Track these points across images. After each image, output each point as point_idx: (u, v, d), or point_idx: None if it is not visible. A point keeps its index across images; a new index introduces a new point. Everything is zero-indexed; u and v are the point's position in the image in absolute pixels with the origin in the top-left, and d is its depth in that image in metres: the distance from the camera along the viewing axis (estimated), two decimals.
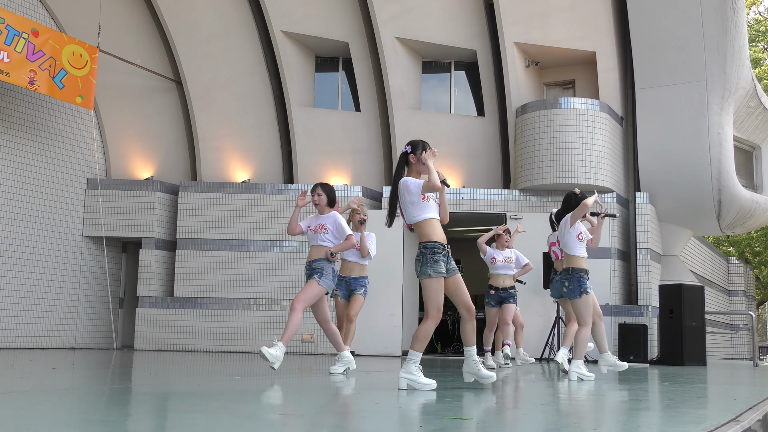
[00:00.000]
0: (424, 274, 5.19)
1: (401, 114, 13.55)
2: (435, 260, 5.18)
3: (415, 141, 5.56)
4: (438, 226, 5.35)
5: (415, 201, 5.29)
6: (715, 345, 18.28)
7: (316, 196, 7.03)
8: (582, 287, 6.89)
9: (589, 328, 6.93)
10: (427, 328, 5.17)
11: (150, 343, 12.68)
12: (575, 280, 6.92)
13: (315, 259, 6.83)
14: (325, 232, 6.88)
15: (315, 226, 6.95)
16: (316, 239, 6.92)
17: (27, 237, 12.36)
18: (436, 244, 5.23)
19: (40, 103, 12.72)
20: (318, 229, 6.92)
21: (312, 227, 6.97)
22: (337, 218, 6.94)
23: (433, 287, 5.18)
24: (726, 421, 3.67)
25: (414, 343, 5.24)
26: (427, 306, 5.21)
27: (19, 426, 2.97)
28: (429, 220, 5.31)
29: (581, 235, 7.07)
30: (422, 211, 5.31)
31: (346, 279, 7.83)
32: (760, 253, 26.38)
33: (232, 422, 3.21)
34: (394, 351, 12.37)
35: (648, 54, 13.29)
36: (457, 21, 13.66)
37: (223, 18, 13.80)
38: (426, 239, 5.27)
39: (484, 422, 3.54)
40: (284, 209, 13.13)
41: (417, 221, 5.32)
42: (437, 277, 5.18)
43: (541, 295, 12.34)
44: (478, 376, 5.41)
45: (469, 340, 5.40)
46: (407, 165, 5.50)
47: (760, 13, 30.41)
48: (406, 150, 5.52)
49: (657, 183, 13.54)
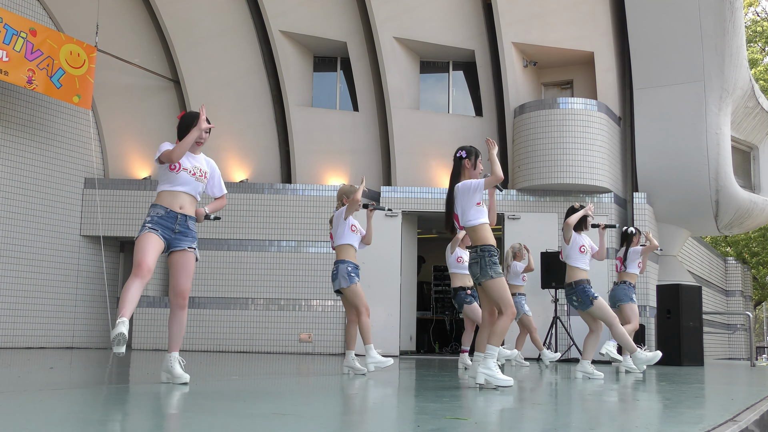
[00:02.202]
0: (486, 276, 5.39)
1: (399, 114, 13.55)
2: (494, 262, 5.42)
3: (468, 147, 5.75)
4: (490, 229, 5.57)
5: (476, 200, 5.49)
6: (712, 345, 18.29)
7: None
8: (590, 296, 7.20)
9: (617, 325, 7.30)
10: (504, 324, 5.35)
11: (148, 343, 12.67)
12: (580, 292, 7.23)
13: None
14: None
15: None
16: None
17: (25, 236, 12.35)
18: (492, 248, 5.46)
19: (37, 103, 12.71)
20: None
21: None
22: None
23: (498, 287, 5.38)
24: (723, 421, 3.68)
25: (491, 338, 5.37)
26: (502, 305, 5.37)
27: (17, 425, 2.97)
28: (483, 225, 5.53)
29: (583, 248, 7.33)
30: (477, 215, 5.51)
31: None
32: (758, 254, 26.41)
33: (229, 422, 3.21)
34: (392, 351, 12.37)
35: (646, 54, 13.30)
36: (456, 21, 13.67)
37: (221, 18, 13.80)
38: (482, 242, 5.48)
39: (482, 422, 3.55)
40: (282, 209, 13.14)
41: (472, 225, 5.52)
42: (498, 277, 5.38)
43: (540, 296, 12.36)
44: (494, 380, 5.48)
45: (484, 346, 5.52)
46: (462, 170, 5.69)
47: (758, 13, 30.44)
48: (461, 155, 5.69)
49: (655, 183, 13.56)
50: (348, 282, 6.94)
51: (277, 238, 13.07)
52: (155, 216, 5.16)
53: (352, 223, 7.11)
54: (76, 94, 12.13)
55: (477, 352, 5.54)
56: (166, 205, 5.21)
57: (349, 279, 6.95)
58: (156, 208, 5.20)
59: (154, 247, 5.09)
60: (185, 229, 5.25)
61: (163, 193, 5.25)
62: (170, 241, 5.20)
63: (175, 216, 5.21)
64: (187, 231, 5.27)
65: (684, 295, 11.77)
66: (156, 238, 5.11)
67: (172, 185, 5.24)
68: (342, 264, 7.00)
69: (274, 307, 12.86)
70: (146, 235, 5.09)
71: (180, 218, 5.23)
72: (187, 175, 5.26)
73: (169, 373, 5.22)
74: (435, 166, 13.54)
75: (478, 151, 5.71)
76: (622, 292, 8.72)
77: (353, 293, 6.96)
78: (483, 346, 5.50)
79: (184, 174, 5.25)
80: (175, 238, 5.21)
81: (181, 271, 5.24)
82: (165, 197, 5.23)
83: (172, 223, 5.19)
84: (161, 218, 5.16)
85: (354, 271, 7.02)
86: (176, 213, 5.22)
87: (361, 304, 6.97)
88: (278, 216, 13.10)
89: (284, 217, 13.12)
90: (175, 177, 5.24)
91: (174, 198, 5.23)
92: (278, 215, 13.10)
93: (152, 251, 5.06)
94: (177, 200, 5.24)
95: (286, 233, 13.06)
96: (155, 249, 5.09)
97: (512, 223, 12.85)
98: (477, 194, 5.50)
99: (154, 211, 5.19)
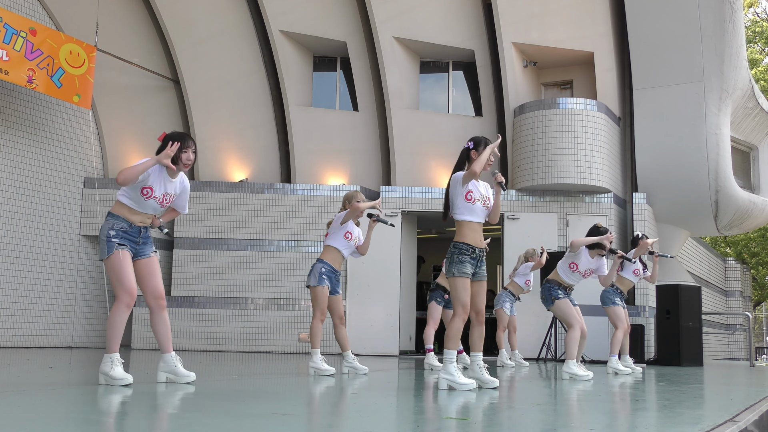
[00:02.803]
0: (449, 273, 5.35)
1: (399, 114, 13.55)
2: (461, 260, 5.30)
3: (477, 137, 5.63)
4: (476, 229, 5.43)
5: (461, 192, 5.38)
6: (711, 345, 18.30)
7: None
8: (553, 295, 7.53)
9: (574, 329, 7.35)
10: (455, 326, 5.27)
11: (147, 343, 12.67)
12: (545, 290, 7.62)
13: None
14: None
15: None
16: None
17: (24, 236, 12.35)
18: (465, 246, 5.34)
19: (37, 102, 12.71)
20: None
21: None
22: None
23: (457, 285, 5.30)
24: (723, 421, 3.68)
25: (446, 342, 5.32)
26: (454, 304, 5.33)
27: (16, 424, 2.97)
28: (467, 222, 5.41)
29: (573, 266, 7.60)
30: (463, 211, 5.41)
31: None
32: (757, 254, 26.42)
33: (229, 421, 3.21)
34: (391, 351, 12.37)
35: (646, 54, 13.30)
36: (455, 21, 13.67)
37: (221, 17, 13.80)
38: (458, 239, 5.40)
39: (481, 422, 3.55)
40: (282, 209, 13.13)
41: (457, 219, 5.44)
42: (461, 276, 5.28)
43: (538, 297, 12.35)
44: (481, 381, 5.43)
45: (476, 345, 5.46)
46: (468, 160, 5.55)
47: (758, 14, 30.44)
48: (468, 146, 5.58)
49: (654, 183, 13.56)
50: (315, 282, 6.86)
51: (276, 237, 13.07)
52: (119, 231, 5.08)
53: (348, 230, 6.99)
54: (76, 93, 12.13)
55: (472, 352, 5.50)
56: (128, 219, 5.12)
57: (318, 279, 6.85)
58: (118, 221, 5.09)
59: (131, 266, 5.09)
60: (146, 239, 5.25)
61: (125, 207, 5.13)
62: (135, 251, 5.19)
63: (138, 230, 5.17)
64: (147, 239, 5.27)
65: (683, 295, 11.77)
66: (128, 256, 5.09)
67: (137, 206, 5.14)
68: (319, 263, 6.94)
69: (274, 307, 12.86)
70: (119, 255, 5.03)
71: (143, 231, 5.21)
72: (155, 203, 5.19)
73: (174, 373, 5.22)
74: (435, 166, 13.54)
75: (488, 141, 5.55)
76: (605, 295, 8.71)
77: (314, 294, 6.88)
78: (476, 345, 5.47)
79: (152, 201, 5.17)
80: (140, 248, 5.20)
81: (152, 275, 5.27)
82: (126, 212, 5.12)
83: (136, 236, 5.16)
84: (125, 232, 5.10)
85: (328, 273, 6.89)
86: (138, 227, 5.17)
87: (318, 308, 6.86)
88: (278, 216, 13.09)
89: (284, 217, 13.12)
90: (143, 202, 5.13)
91: (135, 215, 5.16)
92: (278, 215, 13.10)
93: (131, 272, 5.08)
94: (139, 218, 5.18)
95: (285, 233, 13.06)
96: (132, 268, 5.10)
97: (512, 223, 12.85)
98: (459, 186, 5.39)
99: (117, 223, 5.08)
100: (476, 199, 5.42)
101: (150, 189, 5.08)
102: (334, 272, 6.95)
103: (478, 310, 5.40)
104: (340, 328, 7.08)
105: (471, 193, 5.40)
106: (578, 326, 7.32)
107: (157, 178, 5.11)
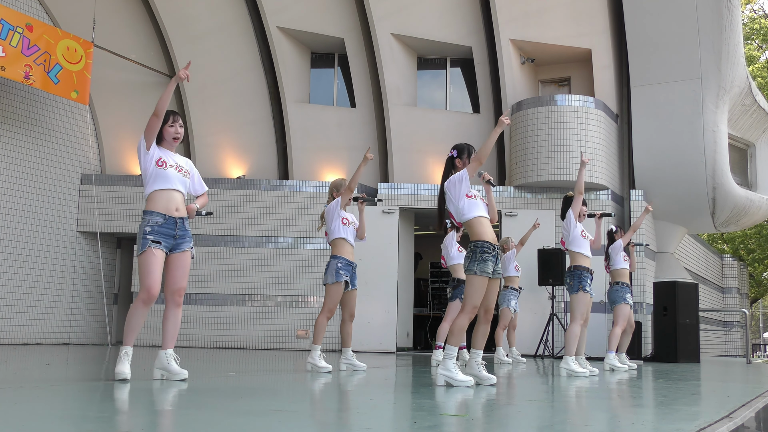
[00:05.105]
0: (470, 271, 5.28)
1: (397, 110, 13.55)
2: (484, 259, 5.26)
3: (460, 145, 5.63)
4: (488, 224, 5.43)
5: (464, 191, 5.35)
6: (708, 342, 18.33)
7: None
8: (582, 285, 7.37)
9: (576, 323, 7.30)
10: (461, 323, 5.24)
11: (144, 339, 12.65)
12: (576, 276, 7.40)
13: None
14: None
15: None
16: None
17: (21, 232, 12.34)
18: (487, 244, 5.30)
19: (34, 98, 12.68)
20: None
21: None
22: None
23: (475, 284, 5.26)
24: (719, 417, 3.68)
25: (449, 338, 5.30)
26: (465, 301, 5.29)
27: (13, 422, 2.96)
28: (479, 218, 5.38)
29: (584, 233, 7.50)
30: (472, 209, 5.37)
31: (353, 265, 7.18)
32: (754, 251, 26.45)
33: (226, 418, 3.21)
34: (389, 347, 12.38)
35: (643, 52, 13.31)
36: (453, 18, 13.66)
37: (218, 14, 13.78)
38: (477, 238, 5.34)
39: (479, 419, 3.55)
40: (279, 205, 13.13)
41: (467, 219, 5.38)
42: (482, 275, 5.25)
43: (537, 292, 12.37)
44: (478, 378, 5.43)
45: (478, 342, 5.44)
46: (453, 168, 5.55)
47: (755, 11, 30.45)
48: (452, 154, 5.58)
49: (652, 180, 13.57)
50: (333, 279, 6.81)
51: (274, 234, 13.06)
52: (155, 226, 5.04)
53: (344, 216, 6.96)
54: (73, 89, 12.11)
55: (473, 348, 5.51)
56: (162, 210, 5.08)
57: (335, 275, 6.80)
58: (153, 216, 5.06)
59: (160, 266, 5.04)
60: (184, 232, 5.19)
61: (155, 194, 5.10)
62: (171, 246, 5.15)
63: (174, 221, 5.11)
64: (186, 233, 5.21)
65: (680, 292, 11.79)
66: (160, 254, 5.03)
67: (164, 183, 5.11)
68: (334, 259, 6.89)
69: (271, 304, 12.86)
70: (151, 253, 5.00)
71: (179, 223, 5.15)
72: (175, 172, 5.17)
73: (166, 370, 5.20)
74: (432, 162, 13.54)
75: (471, 148, 5.58)
76: (616, 294, 8.75)
77: (328, 291, 6.83)
78: (477, 343, 5.47)
79: (172, 171, 5.15)
80: (176, 243, 5.16)
81: (179, 270, 5.20)
82: (159, 200, 5.09)
83: (173, 229, 5.11)
84: (161, 227, 5.05)
85: (345, 267, 6.83)
86: (174, 218, 5.12)
87: (327, 304, 6.82)
88: (275, 212, 13.08)
89: (281, 213, 13.11)
90: (164, 174, 5.11)
91: (169, 199, 5.11)
92: (275, 211, 13.09)
93: (159, 272, 5.02)
94: (172, 202, 5.12)
95: (283, 229, 13.05)
96: (161, 269, 5.05)
97: (509, 220, 12.85)
98: (463, 184, 5.37)
99: (151, 219, 5.05)
100: (475, 195, 5.44)
101: (163, 161, 5.12)
102: (350, 264, 6.90)
103: (488, 307, 5.39)
104: (348, 324, 7.08)
105: (470, 191, 5.43)
106: (580, 323, 7.30)
107: (161, 153, 5.16)
